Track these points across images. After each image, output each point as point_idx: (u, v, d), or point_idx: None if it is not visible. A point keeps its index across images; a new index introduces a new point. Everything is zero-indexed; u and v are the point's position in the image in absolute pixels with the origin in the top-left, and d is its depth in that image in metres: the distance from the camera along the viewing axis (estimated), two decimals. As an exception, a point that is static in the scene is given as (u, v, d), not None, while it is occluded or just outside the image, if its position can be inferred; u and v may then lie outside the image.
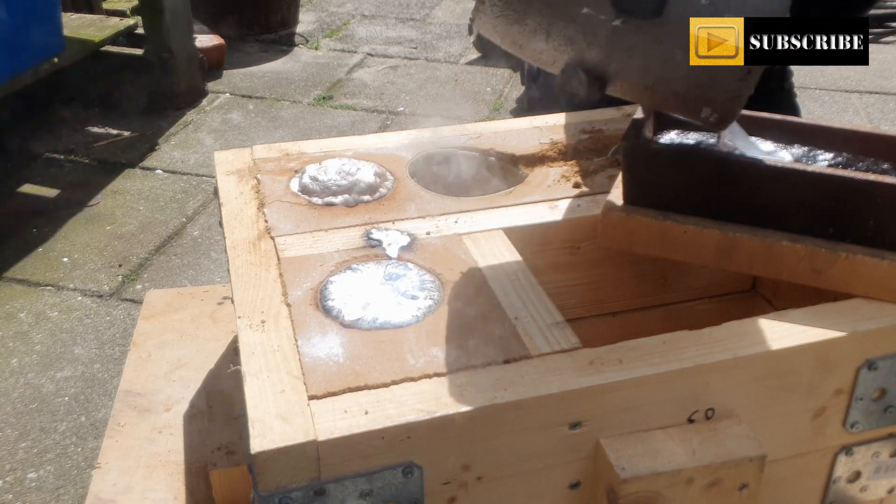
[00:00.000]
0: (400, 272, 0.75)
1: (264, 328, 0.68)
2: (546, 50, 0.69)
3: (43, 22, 2.32)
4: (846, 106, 2.60)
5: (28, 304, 1.74)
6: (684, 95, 0.69)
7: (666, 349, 0.66)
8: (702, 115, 0.70)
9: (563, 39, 0.68)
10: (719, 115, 0.70)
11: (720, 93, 0.68)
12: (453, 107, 2.65)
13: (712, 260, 0.78)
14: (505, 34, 0.69)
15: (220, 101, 2.75)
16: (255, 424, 0.58)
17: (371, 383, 0.62)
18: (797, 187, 0.73)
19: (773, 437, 0.71)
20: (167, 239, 1.97)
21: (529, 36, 0.68)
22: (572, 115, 1.07)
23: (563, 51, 0.68)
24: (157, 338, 1.04)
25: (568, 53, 0.68)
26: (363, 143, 1.00)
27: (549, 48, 0.69)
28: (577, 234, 0.86)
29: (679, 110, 0.72)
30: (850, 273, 0.73)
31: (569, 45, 0.68)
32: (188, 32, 2.66)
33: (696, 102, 0.69)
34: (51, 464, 1.31)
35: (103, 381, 1.49)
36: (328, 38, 3.36)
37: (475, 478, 0.63)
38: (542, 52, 0.69)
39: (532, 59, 0.71)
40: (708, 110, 0.69)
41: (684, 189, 0.77)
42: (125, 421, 0.92)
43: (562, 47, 0.68)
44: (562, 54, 0.69)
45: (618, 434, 0.65)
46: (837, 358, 0.70)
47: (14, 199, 2.18)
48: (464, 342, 0.66)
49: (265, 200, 0.88)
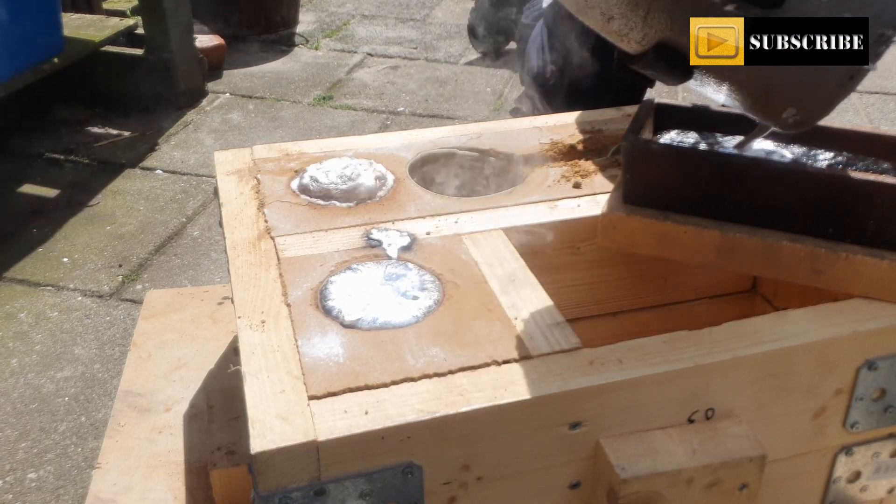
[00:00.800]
0: (400, 272, 0.75)
1: (264, 328, 0.68)
2: (639, 27, 0.65)
3: (43, 22, 2.32)
4: (846, 106, 2.60)
5: (28, 304, 1.74)
6: (777, 92, 0.66)
7: (666, 349, 0.66)
8: (784, 115, 0.67)
9: (665, 18, 0.65)
10: (801, 118, 0.67)
11: (815, 94, 0.66)
12: (453, 107, 2.65)
13: (712, 260, 0.78)
14: (596, 3, 0.66)
15: (220, 101, 2.75)
16: (255, 424, 0.58)
17: (371, 383, 0.62)
18: (797, 187, 0.73)
19: (773, 438, 0.71)
20: (167, 239, 1.97)
21: (627, 9, 0.65)
22: (572, 115, 1.07)
23: (659, 30, 0.65)
24: (157, 338, 1.04)
25: (662, 33, 0.65)
26: (363, 143, 1.00)
27: (645, 25, 0.65)
28: (577, 234, 0.86)
29: (760, 107, 0.69)
30: (850, 273, 0.73)
31: (667, 25, 0.65)
32: (188, 32, 2.66)
33: (784, 101, 0.67)
34: (51, 464, 1.31)
35: (103, 382, 1.49)
36: (328, 38, 3.36)
37: (475, 478, 0.63)
38: (632, 28, 0.66)
39: (614, 34, 0.68)
40: (792, 111, 0.67)
41: (684, 189, 0.77)
42: (125, 421, 0.91)
43: (659, 25, 0.65)
44: (655, 33, 0.66)
45: (618, 434, 0.65)
46: (837, 358, 0.70)
47: (14, 199, 2.18)
48: (464, 342, 0.66)
49: (265, 200, 0.88)
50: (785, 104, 0.67)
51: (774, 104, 0.67)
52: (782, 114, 0.67)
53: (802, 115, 0.67)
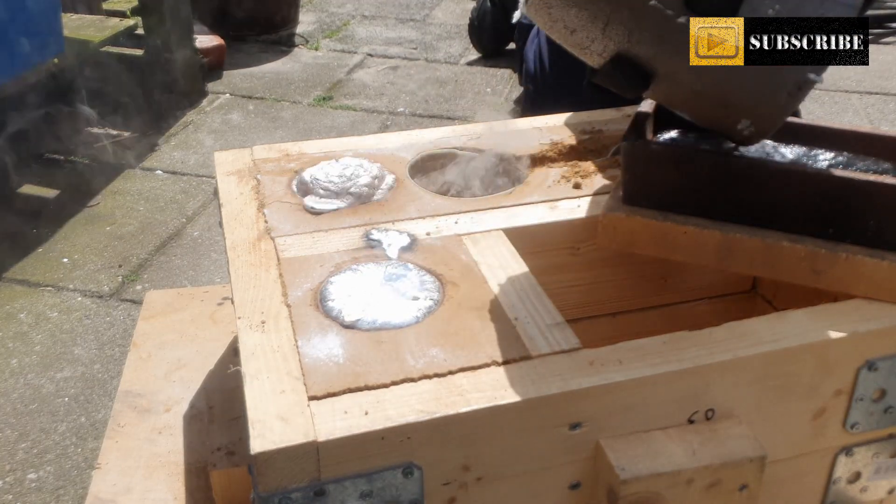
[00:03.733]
0: (400, 273, 0.75)
1: (264, 329, 0.68)
2: (599, 38, 0.68)
3: (43, 22, 2.32)
4: (846, 106, 2.60)
5: (28, 304, 1.74)
6: (733, 104, 0.68)
7: (666, 350, 0.66)
8: (739, 126, 0.69)
9: (622, 30, 0.66)
10: (756, 130, 0.69)
11: (770, 104, 0.67)
12: (453, 107, 2.65)
13: (712, 260, 0.78)
14: (559, 17, 0.68)
15: (220, 101, 2.75)
16: (255, 425, 0.58)
17: (371, 384, 0.62)
18: (797, 188, 0.73)
19: (773, 438, 0.71)
20: (167, 239, 1.97)
21: (587, 21, 0.67)
22: (572, 115, 1.07)
23: (618, 41, 0.67)
24: (156, 338, 1.04)
25: (621, 45, 0.67)
26: (363, 144, 1.00)
27: (604, 37, 0.67)
28: (577, 234, 0.86)
29: (716, 121, 0.71)
30: (850, 274, 0.73)
31: (625, 36, 0.67)
32: (188, 33, 2.66)
33: (739, 113, 0.68)
34: (51, 464, 1.31)
35: (103, 382, 1.49)
36: (328, 39, 3.36)
37: (475, 478, 0.63)
38: (593, 40, 0.68)
39: (577, 47, 0.70)
40: (747, 122, 0.68)
41: (684, 189, 0.77)
42: (125, 421, 0.91)
43: (617, 37, 0.67)
44: (614, 45, 0.67)
45: (618, 435, 0.65)
46: (837, 358, 0.70)
47: (14, 200, 2.18)
48: (464, 343, 0.66)
49: (265, 201, 0.88)
50: (739, 116, 0.69)
51: (730, 117, 0.69)
52: (737, 125, 0.69)
53: (757, 126, 0.69)
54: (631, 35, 0.67)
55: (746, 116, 0.68)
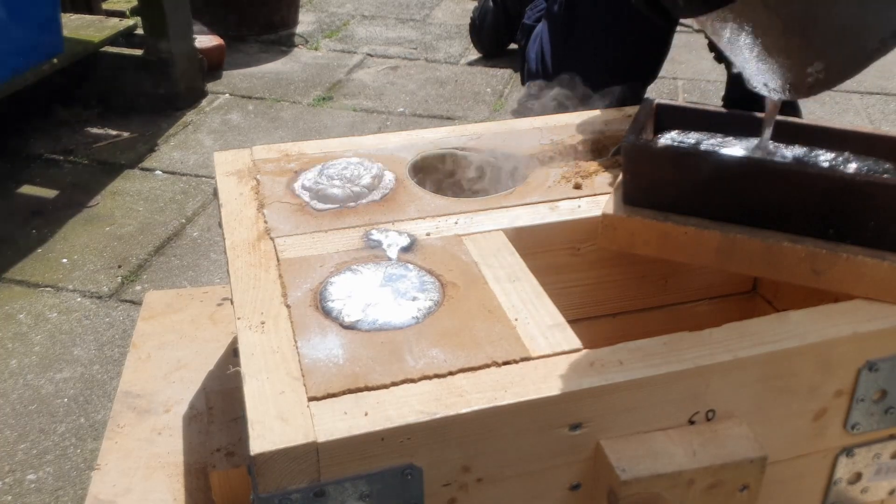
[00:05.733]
0: (400, 273, 0.75)
1: (264, 329, 0.68)
2: None
3: (42, 22, 2.32)
4: (847, 107, 2.60)
5: (27, 305, 1.74)
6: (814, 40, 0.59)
7: (666, 350, 0.66)
8: (809, 69, 0.61)
9: None
10: (825, 77, 0.61)
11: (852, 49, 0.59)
12: (453, 107, 2.65)
13: (712, 261, 0.77)
14: None
15: (219, 101, 2.75)
16: (255, 426, 0.58)
17: (371, 384, 0.62)
18: (798, 188, 0.73)
19: (773, 439, 0.71)
20: (166, 240, 1.97)
21: None
22: (573, 115, 1.07)
23: None
24: (156, 339, 1.04)
25: None
26: (363, 144, 1.00)
27: None
28: (578, 234, 0.86)
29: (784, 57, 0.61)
30: (850, 274, 0.73)
31: None
32: (188, 33, 2.66)
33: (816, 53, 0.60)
34: (50, 465, 1.31)
35: (103, 383, 1.49)
36: (328, 39, 3.36)
37: (475, 479, 0.63)
38: None
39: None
40: (819, 65, 0.60)
41: (685, 190, 0.77)
42: (124, 422, 0.91)
43: None
44: None
45: (618, 435, 0.65)
46: (838, 359, 0.69)
47: (13, 200, 2.18)
48: (464, 343, 0.66)
49: (265, 201, 0.87)
50: (815, 56, 0.61)
51: (805, 54, 0.61)
52: (807, 68, 0.61)
53: (827, 73, 0.61)
54: None
55: (821, 58, 0.60)
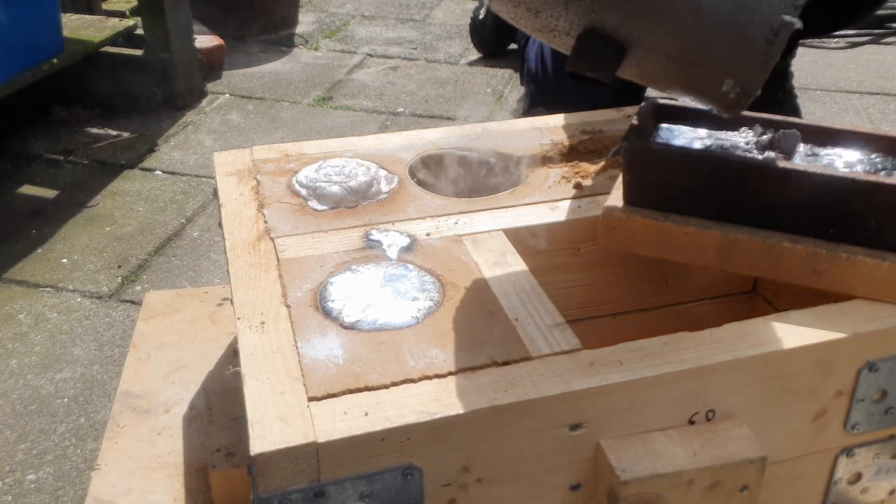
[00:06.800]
0: (400, 273, 0.75)
1: (264, 329, 0.68)
2: (563, 14, 0.65)
3: (42, 23, 2.32)
4: (847, 107, 2.60)
5: (27, 305, 1.74)
6: (708, 64, 0.64)
7: (666, 350, 0.66)
8: (723, 88, 0.65)
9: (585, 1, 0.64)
10: (742, 89, 0.65)
11: (747, 56, 0.63)
12: (453, 107, 2.65)
13: (713, 261, 0.77)
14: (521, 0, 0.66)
15: (219, 101, 2.75)
16: (255, 426, 0.58)
17: (371, 385, 0.62)
18: (798, 188, 0.73)
19: (773, 439, 0.71)
20: (166, 240, 1.97)
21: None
22: (573, 115, 1.07)
23: (582, 13, 0.65)
24: (156, 339, 1.04)
25: (586, 16, 0.64)
26: (363, 144, 1.00)
27: (567, 11, 0.65)
28: (578, 235, 0.86)
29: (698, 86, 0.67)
30: (850, 274, 0.73)
31: (587, 5, 0.64)
32: (188, 33, 2.66)
33: (719, 72, 0.64)
34: (50, 465, 1.31)
35: (103, 383, 1.49)
36: (328, 39, 3.36)
37: (475, 479, 0.63)
38: (559, 18, 0.66)
39: (546, 30, 0.67)
40: (730, 82, 0.64)
41: (685, 190, 0.77)
42: (124, 422, 0.91)
43: (580, 8, 0.64)
44: (580, 18, 0.65)
45: (618, 436, 0.65)
46: (838, 359, 0.69)
47: (13, 200, 2.18)
48: (464, 343, 0.66)
49: (265, 201, 0.87)
50: (721, 76, 0.65)
51: (711, 78, 0.65)
52: (721, 87, 0.65)
53: (742, 85, 0.65)
54: (594, 4, 0.64)
55: (728, 75, 0.64)
